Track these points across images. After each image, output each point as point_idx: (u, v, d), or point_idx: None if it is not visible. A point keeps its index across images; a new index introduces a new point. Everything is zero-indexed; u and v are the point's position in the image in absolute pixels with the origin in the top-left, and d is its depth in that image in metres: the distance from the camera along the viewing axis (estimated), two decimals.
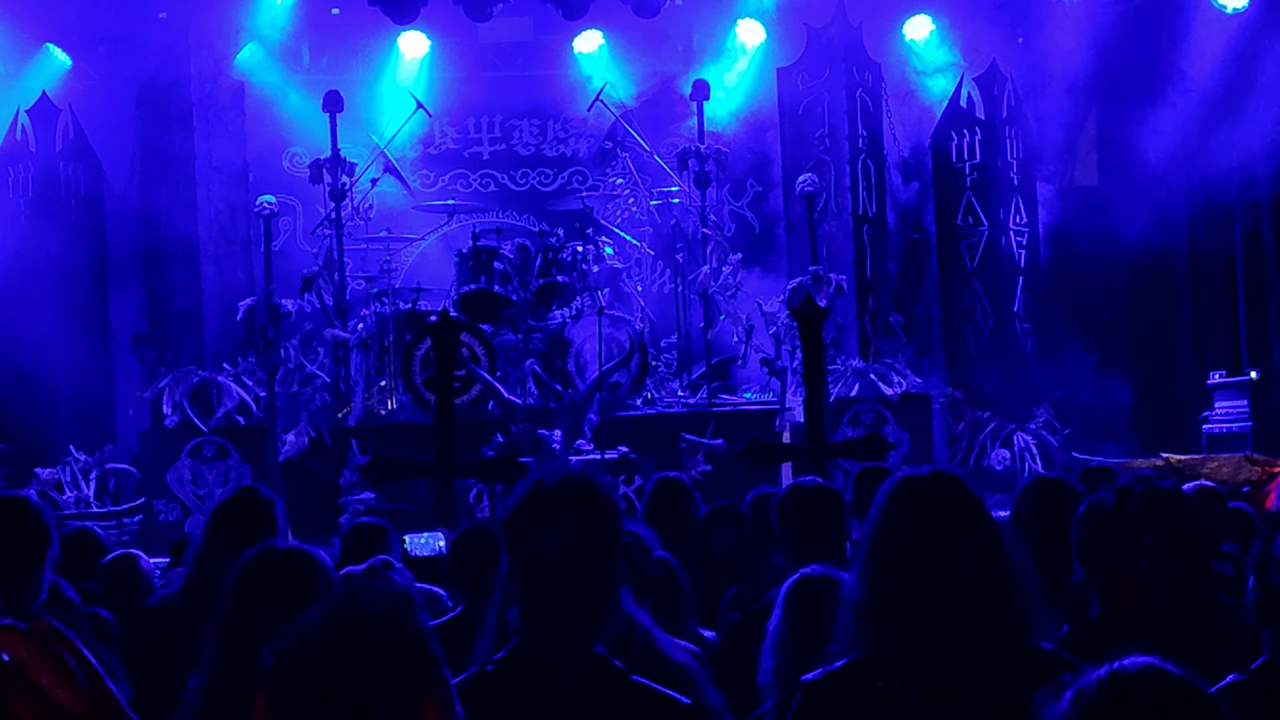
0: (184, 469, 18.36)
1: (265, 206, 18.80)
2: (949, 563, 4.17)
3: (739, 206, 21.58)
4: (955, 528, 4.23)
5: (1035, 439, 19.13)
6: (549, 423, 17.42)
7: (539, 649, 4.13)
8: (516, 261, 18.50)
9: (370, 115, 20.90)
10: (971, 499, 4.32)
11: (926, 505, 4.27)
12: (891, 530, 4.27)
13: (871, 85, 20.20)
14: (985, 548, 4.24)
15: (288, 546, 4.95)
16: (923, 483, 4.35)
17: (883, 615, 4.17)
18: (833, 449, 13.10)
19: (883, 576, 4.22)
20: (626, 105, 20.91)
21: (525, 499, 4.17)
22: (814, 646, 4.54)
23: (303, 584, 4.73)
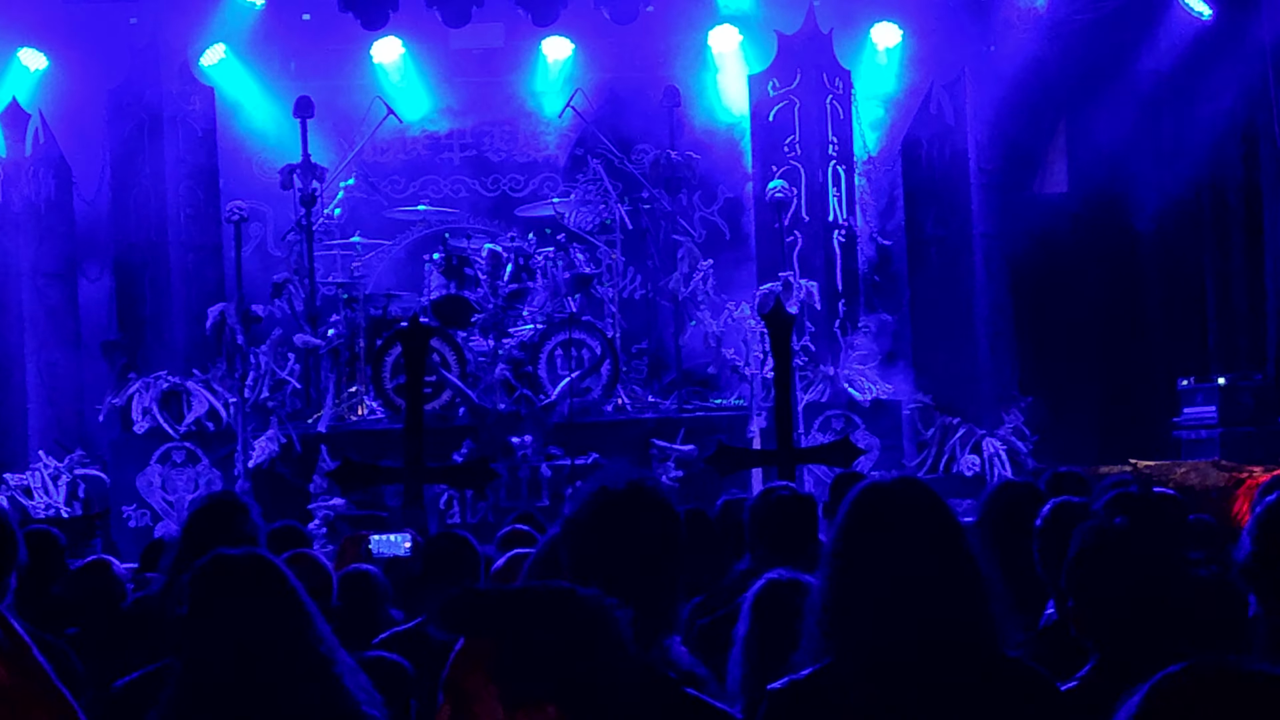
0: (154, 475, 18.34)
1: (235, 212, 18.76)
2: (915, 571, 4.15)
3: (710, 213, 21.60)
4: (922, 535, 4.21)
5: (1005, 445, 19.18)
6: (519, 429, 17.43)
7: None
8: (487, 267, 18.52)
9: (341, 121, 20.87)
10: (939, 507, 4.30)
11: (893, 513, 4.25)
12: (857, 537, 4.25)
13: (842, 92, 20.22)
14: (952, 556, 4.22)
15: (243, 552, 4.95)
16: (889, 490, 4.34)
17: (848, 623, 4.16)
18: (802, 454, 13.11)
19: (849, 584, 4.20)
20: (598, 111, 20.91)
21: (590, 502, 4.19)
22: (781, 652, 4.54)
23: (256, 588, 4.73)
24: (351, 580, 7.85)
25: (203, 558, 4.98)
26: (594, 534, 4.14)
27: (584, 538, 4.15)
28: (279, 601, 4.77)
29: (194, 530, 6.46)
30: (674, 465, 17.87)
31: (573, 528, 4.18)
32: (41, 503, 18.41)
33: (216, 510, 6.51)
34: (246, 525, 6.43)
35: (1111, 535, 4.92)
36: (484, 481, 13.36)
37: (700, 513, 8.49)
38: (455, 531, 7.78)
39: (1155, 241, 20.71)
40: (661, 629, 4.16)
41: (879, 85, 20.65)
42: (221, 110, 20.48)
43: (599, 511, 4.14)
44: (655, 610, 4.12)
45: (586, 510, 4.16)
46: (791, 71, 20.16)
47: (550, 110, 21.23)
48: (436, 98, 21.49)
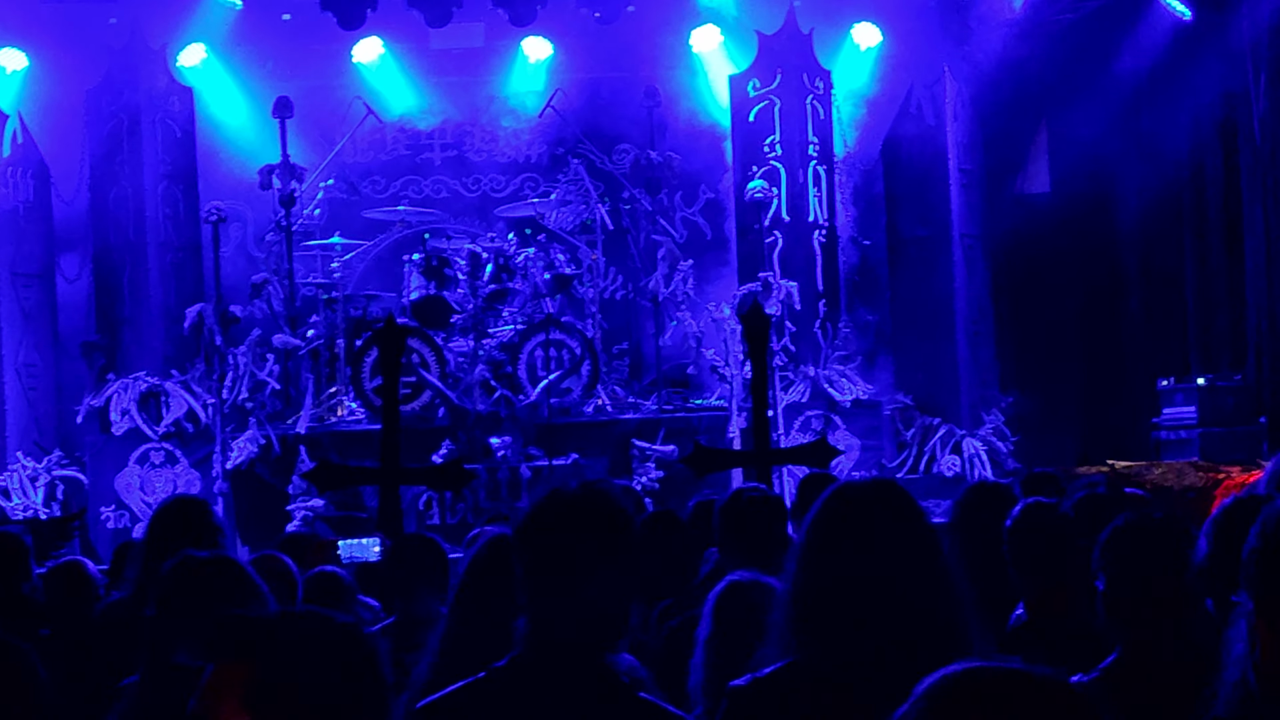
0: (132, 476, 18.31)
1: (213, 212, 18.70)
2: (883, 571, 4.13)
3: (690, 213, 21.58)
4: (892, 536, 4.19)
5: (985, 445, 19.17)
6: (499, 429, 17.42)
7: (546, 661, 4.09)
8: (467, 268, 18.48)
9: (321, 121, 20.83)
10: (910, 507, 4.28)
11: (863, 513, 4.24)
12: (827, 536, 4.23)
13: (822, 92, 20.20)
14: (921, 558, 4.20)
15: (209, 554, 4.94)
16: (861, 490, 4.33)
17: (814, 622, 4.14)
18: (779, 455, 13.10)
19: (815, 582, 4.18)
20: (578, 111, 20.89)
21: (541, 507, 4.15)
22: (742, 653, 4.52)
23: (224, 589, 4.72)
24: (317, 581, 7.83)
25: (170, 559, 4.97)
26: (544, 538, 4.11)
27: (535, 542, 4.13)
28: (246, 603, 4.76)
29: (157, 533, 6.43)
30: (654, 466, 17.84)
31: (524, 531, 4.15)
32: (20, 504, 18.37)
33: (178, 512, 6.48)
34: (209, 525, 6.40)
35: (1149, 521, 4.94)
36: (461, 483, 13.32)
37: (670, 514, 8.48)
38: (423, 534, 7.75)
39: (1136, 241, 20.73)
40: (615, 634, 4.13)
41: (859, 85, 20.64)
42: (201, 110, 20.42)
43: (550, 515, 4.11)
44: (608, 615, 4.10)
45: (537, 514, 4.13)
46: (772, 71, 20.14)
47: (531, 110, 21.20)
48: (417, 98, 21.46)
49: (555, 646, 4.07)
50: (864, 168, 20.84)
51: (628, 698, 4.08)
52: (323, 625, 3.21)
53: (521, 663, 4.11)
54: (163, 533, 6.44)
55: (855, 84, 20.64)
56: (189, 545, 5.26)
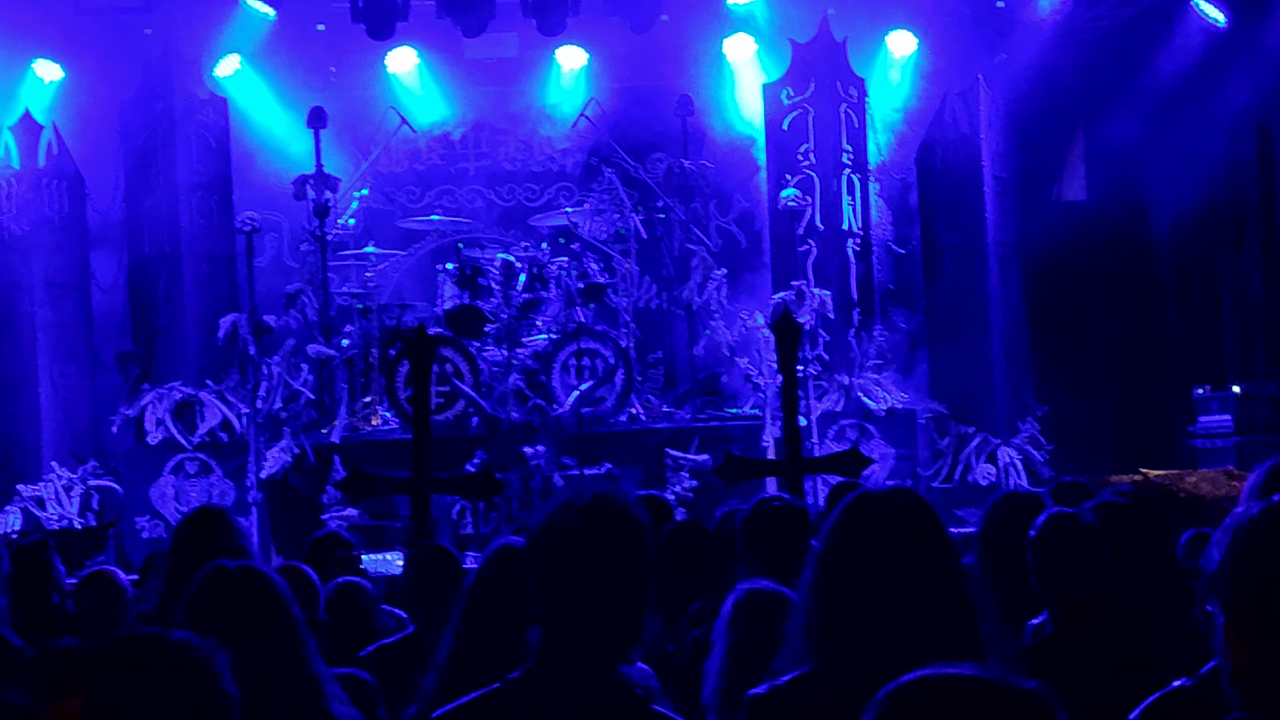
0: (167, 486, 18.35)
1: (248, 222, 18.74)
2: (900, 582, 4.13)
3: (724, 221, 21.56)
4: (911, 548, 4.19)
5: (1020, 454, 19.10)
6: (533, 439, 17.41)
7: (559, 672, 4.07)
8: (501, 277, 18.47)
9: (355, 131, 20.86)
10: (929, 517, 4.28)
11: (882, 522, 4.23)
12: (846, 545, 4.23)
13: (856, 100, 20.17)
14: (940, 566, 4.20)
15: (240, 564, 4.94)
16: (881, 500, 4.32)
17: (831, 631, 4.14)
18: (810, 464, 13.06)
19: (834, 591, 4.18)
20: (612, 121, 20.88)
21: (554, 518, 4.13)
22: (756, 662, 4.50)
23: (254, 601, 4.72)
24: (340, 592, 7.83)
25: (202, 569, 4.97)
26: (557, 548, 4.09)
27: (547, 552, 4.11)
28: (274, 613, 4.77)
29: (180, 545, 6.43)
30: (688, 475, 17.81)
31: (536, 542, 4.14)
32: (54, 514, 18.42)
33: (201, 523, 6.48)
34: (232, 536, 6.40)
35: None
36: (492, 492, 13.32)
37: (697, 524, 8.46)
38: (437, 544, 7.74)
39: (1172, 249, 20.65)
40: (629, 645, 4.12)
41: (893, 93, 20.61)
42: (235, 121, 20.49)
43: (561, 526, 4.09)
44: (621, 627, 4.08)
45: (548, 526, 4.11)
46: (805, 80, 20.12)
47: (565, 119, 21.20)
48: (451, 107, 21.49)
49: (568, 657, 4.05)
50: (898, 176, 20.79)
51: (641, 710, 4.07)
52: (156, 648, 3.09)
53: (534, 674, 4.09)
54: (186, 544, 6.43)
55: (889, 92, 20.60)
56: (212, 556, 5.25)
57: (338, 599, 7.79)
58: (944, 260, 20.39)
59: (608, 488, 4.19)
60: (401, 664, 6.68)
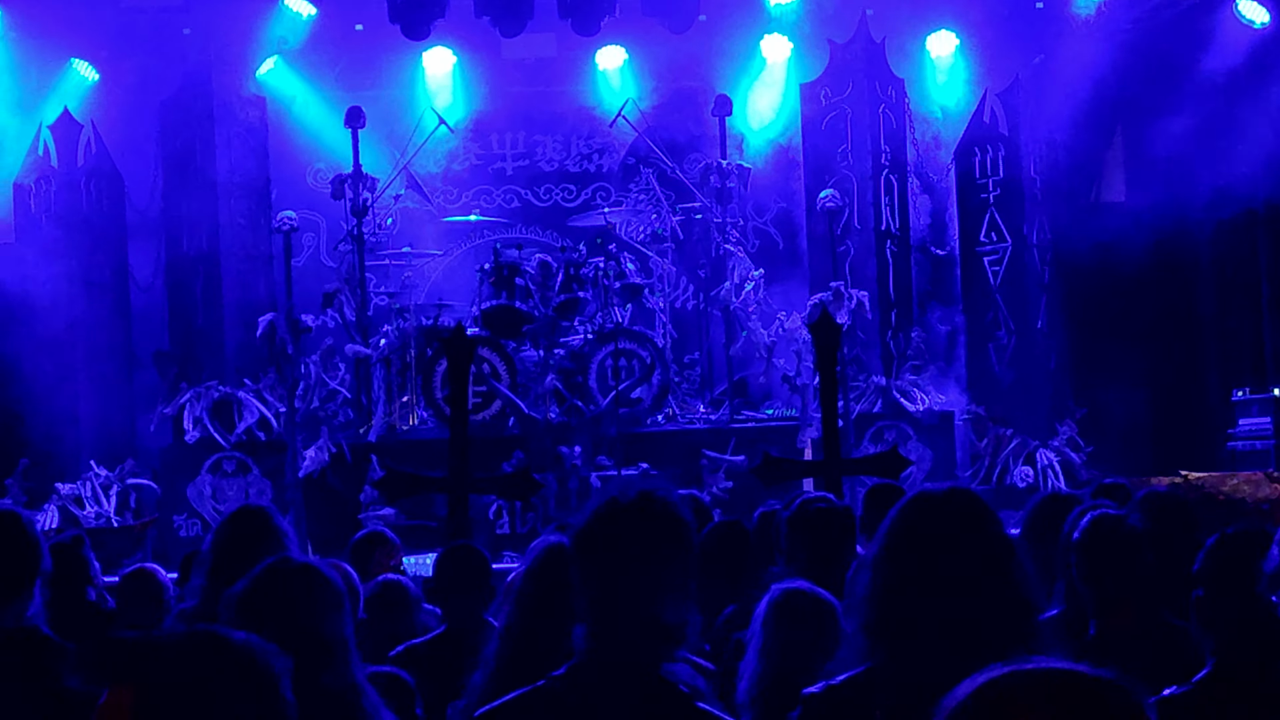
0: (204, 484, 18.37)
1: (285, 221, 18.78)
2: (960, 579, 4.11)
3: (762, 222, 21.53)
4: (970, 547, 4.16)
5: (1058, 456, 19.01)
6: (569, 439, 17.40)
7: (604, 670, 4.05)
8: (538, 277, 18.47)
9: (393, 131, 20.88)
10: (988, 518, 4.25)
11: (942, 523, 4.21)
12: (905, 546, 4.20)
13: (894, 101, 20.13)
14: (1000, 568, 4.18)
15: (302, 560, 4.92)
16: (939, 499, 4.29)
17: (890, 631, 4.12)
18: (848, 465, 13.01)
19: (893, 592, 4.16)
20: (649, 121, 20.86)
21: (598, 515, 4.10)
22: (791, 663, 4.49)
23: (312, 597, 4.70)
24: (381, 590, 7.83)
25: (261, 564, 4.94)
26: (602, 546, 4.07)
27: (592, 549, 4.09)
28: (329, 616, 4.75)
29: (222, 543, 6.41)
30: (724, 476, 17.79)
31: (580, 540, 4.12)
32: (92, 512, 18.46)
33: (243, 522, 6.46)
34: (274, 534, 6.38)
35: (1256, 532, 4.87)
36: (530, 492, 13.30)
37: (737, 524, 8.43)
38: (468, 544, 7.73)
39: (1212, 251, 20.55)
40: (674, 642, 4.10)
41: (932, 94, 20.56)
42: (274, 120, 20.57)
43: (606, 523, 4.07)
44: (666, 623, 4.06)
45: (593, 522, 4.09)
46: (844, 80, 20.10)
47: (602, 120, 21.19)
48: (489, 107, 21.50)
49: (613, 655, 4.04)
50: (937, 176, 20.73)
51: (687, 707, 4.05)
52: (216, 646, 3.04)
53: (580, 671, 4.08)
54: (229, 542, 6.42)
55: (928, 92, 20.56)
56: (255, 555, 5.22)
57: (379, 597, 7.79)
58: (982, 261, 20.35)
59: (652, 484, 4.16)
60: (431, 664, 6.66)
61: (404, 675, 6.20)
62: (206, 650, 3.03)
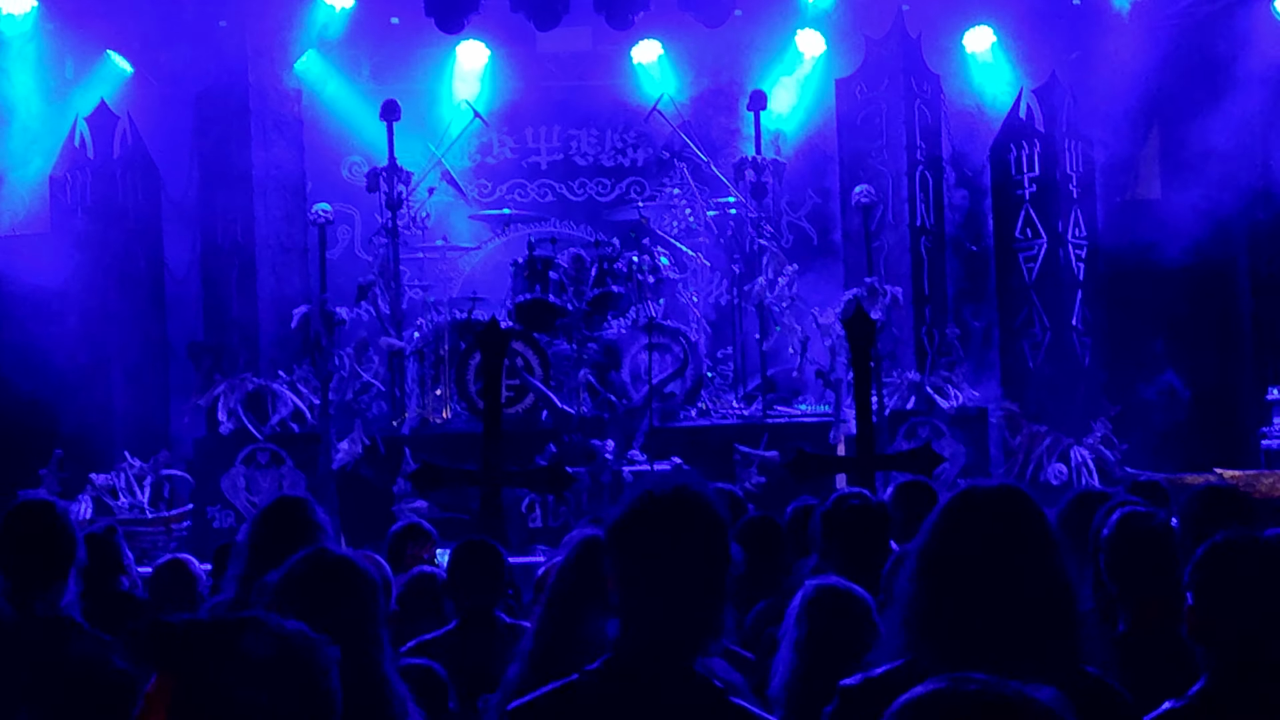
0: (238, 475, 18.39)
1: (320, 215, 18.81)
2: (1010, 579, 4.10)
3: (796, 217, 21.52)
4: (1019, 544, 4.16)
5: (1093, 454, 18.96)
6: (602, 433, 17.40)
7: (638, 664, 4.05)
8: (572, 271, 18.49)
9: (428, 124, 20.91)
10: (1037, 515, 4.24)
11: (991, 519, 4.19)
12: (953, 541, 4.19)
13: (930, 96, 20.09)
14: (1047, 567, 4.17)
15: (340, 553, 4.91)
16: (989, 496, 4.28)
17: (936, 626, 4.11)
18: (882, 461, 12.99)
19: (940, 587, 4.15)
20: (684, 115, 20.86)
21: (633, 509, 4.10)
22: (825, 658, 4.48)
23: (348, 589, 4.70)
24: (415, 582, 7.83)
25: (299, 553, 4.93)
26: (637, 539, 4.06)
27: (627, 543, 4.08)
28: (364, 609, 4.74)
29: (261, 534, 6.40)
30: (757, 470, 17.77)
31: (615, 534, 4.11)
32: (126, 503, 18.50)
33: (282, 512, 6.45)
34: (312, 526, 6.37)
35: (1248, 540, 4.83)
36: (562, 485, 13.32)
37: (769, 519, 8.41)
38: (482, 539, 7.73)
39: (1248, 249, 20.47)
40: (708, 637, 4.09)
41: (968, 89, 20.52)
42: (309, 113, 20.61)
43: (641, 517, 4.06)
44: (700, 618, 4.05)
45: (629, 516, 4.09)
46: (879, 76, 20.08)
47: (637, 114, 21.19)
48: (523, 101, 21.51)
49: (647, 649, 4.03)
50: (971, 172, 20.69)
51: (720, 702, 4.04)
52: (264, 632, 3.01)
53: (614, 665, 4.07)
54: (267, 533, 6.41)
55: (964, 88, 20.51)
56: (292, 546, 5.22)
57: (413, 588, 7.80)
58: (1017, 258, 20.29)
59: (687, 478, 4.16)
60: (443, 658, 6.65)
61: (437, 668, 6.19)
62: (257, 636, 2.99)
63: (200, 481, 18.64)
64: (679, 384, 18.06)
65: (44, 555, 5.78)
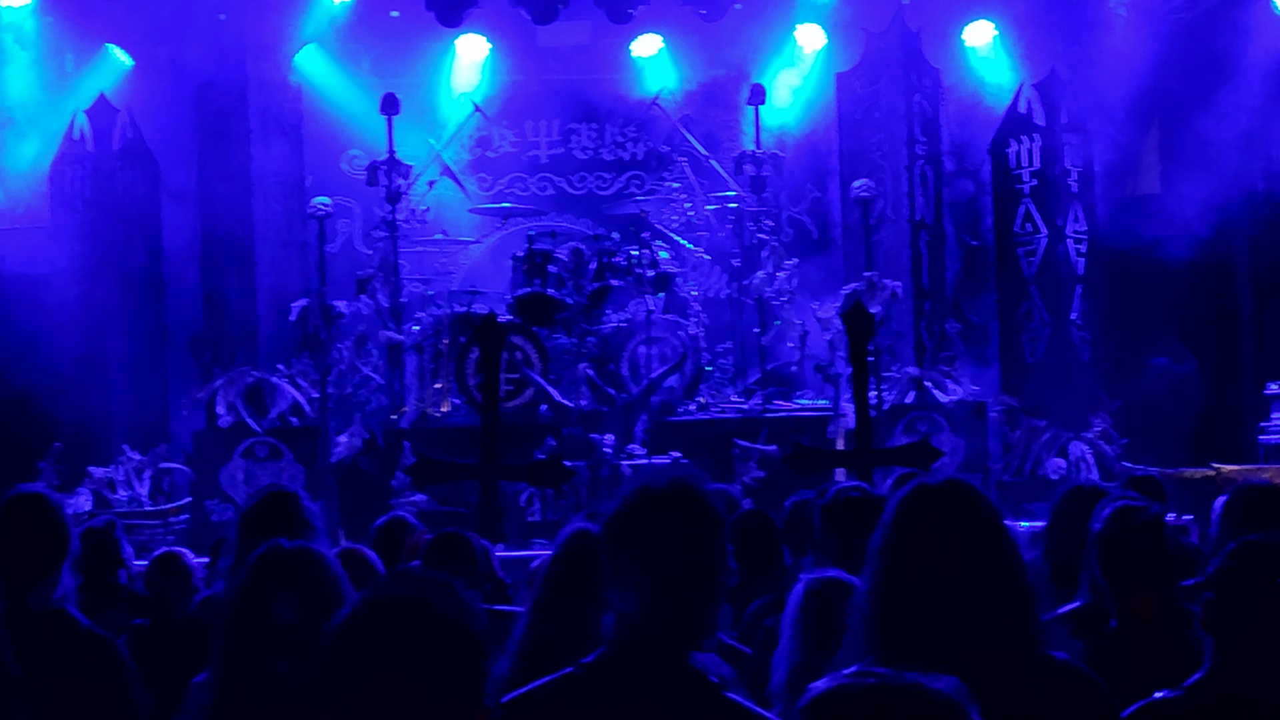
0: (237, 469, 18.39)
1: (319, 208, 18.83)
2: (959, 572, 4.11)
3: (796, 212, 21.50)
4: (970, 537, 4.17)
5: (1092, 448, 18.96)
6: (601, 427, 17.40)
7: (632, 658, 4.06)
8: (571, 265, 18.50)
9: (428, 118, 20.90)
10: (985, 508, 4.25)
11: (937, 513, 4.20)
12: (902, 536, 4.20)
13: (930, 91, 20.08)
14: (1000, 558, 4.18)
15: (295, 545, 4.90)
16: (936, 490, 4.28)
17: (891, 623, 4.11)
18: (880, 455, 13.00)
19: (892, 582, 4.15)
20: (684, 110, 20.85)
21: (628, 503, 4.11)
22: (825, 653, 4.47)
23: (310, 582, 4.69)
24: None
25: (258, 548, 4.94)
26: (630, 534, 4.06)
27: (622, 537, 4.08)
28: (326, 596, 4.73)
29: (248, 525, 6.40)
30: (756, 465, 17.77)
31: (610, 528, 4.11)
32: (125, 496, 18.51)
33: (269, 504, 6.45)
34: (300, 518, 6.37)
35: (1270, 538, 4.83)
36: (560, 479, 13.35)
37: (761, 514, 8.38)
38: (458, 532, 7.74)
39: (1249, 245, 20.45)
40: (703, 631, 4.09)
41: (967, 84, 20.50)
42: (308, 106, 20.61)
43: (636, 511, 4.07)
44: (695, 612, 4.05)
45: (623, 510, 4.09)
46: (878, 70, 20.08)
47: (637, 108, 21.18)
48: (523, 95, 21.50)
49: (642, 643, 4.03)
50: (971, 167, 20.67)
51: (714, 696, 4.05)
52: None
53: (608, 659, 4.08)
54: (254, 525, 6.41)
55: (963, 82, 20.49)
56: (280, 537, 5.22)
57: None
58: (1017, 252, 20.28)
59: (683, 472, 4.17)
60: None
61: None
62: None
63: (199, 475, 18.64)
64: (678, 378, 18.06)
65: (37, 548, 5.77)
